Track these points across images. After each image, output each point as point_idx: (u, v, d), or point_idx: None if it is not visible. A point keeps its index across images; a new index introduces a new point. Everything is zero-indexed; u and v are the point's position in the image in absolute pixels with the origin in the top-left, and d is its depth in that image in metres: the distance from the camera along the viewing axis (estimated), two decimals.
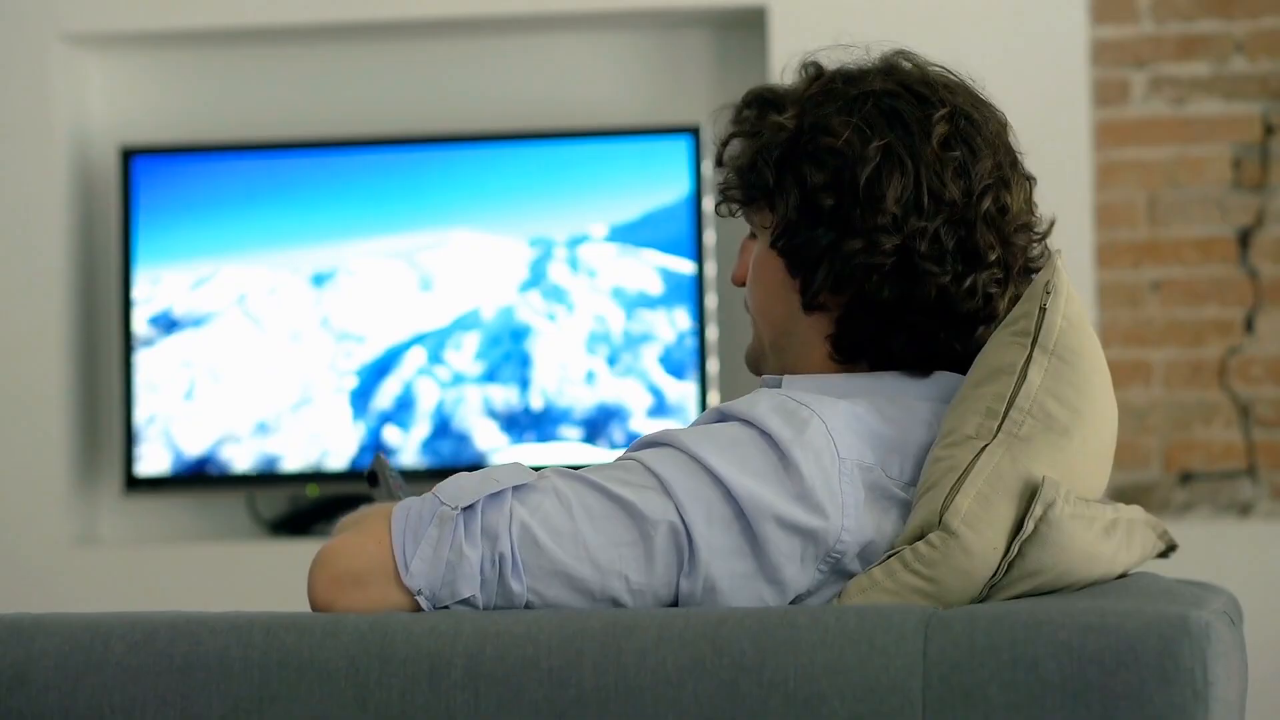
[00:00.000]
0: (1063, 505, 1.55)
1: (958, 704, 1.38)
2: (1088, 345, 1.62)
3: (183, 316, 4.10)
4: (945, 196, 1.66)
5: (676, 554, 1.56)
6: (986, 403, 1.60)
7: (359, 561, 1.56)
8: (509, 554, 1.55)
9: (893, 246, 1.65)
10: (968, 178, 1.67)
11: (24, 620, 1.52)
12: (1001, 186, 1.68)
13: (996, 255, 1.67)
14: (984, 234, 1.67)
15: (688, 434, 1.59)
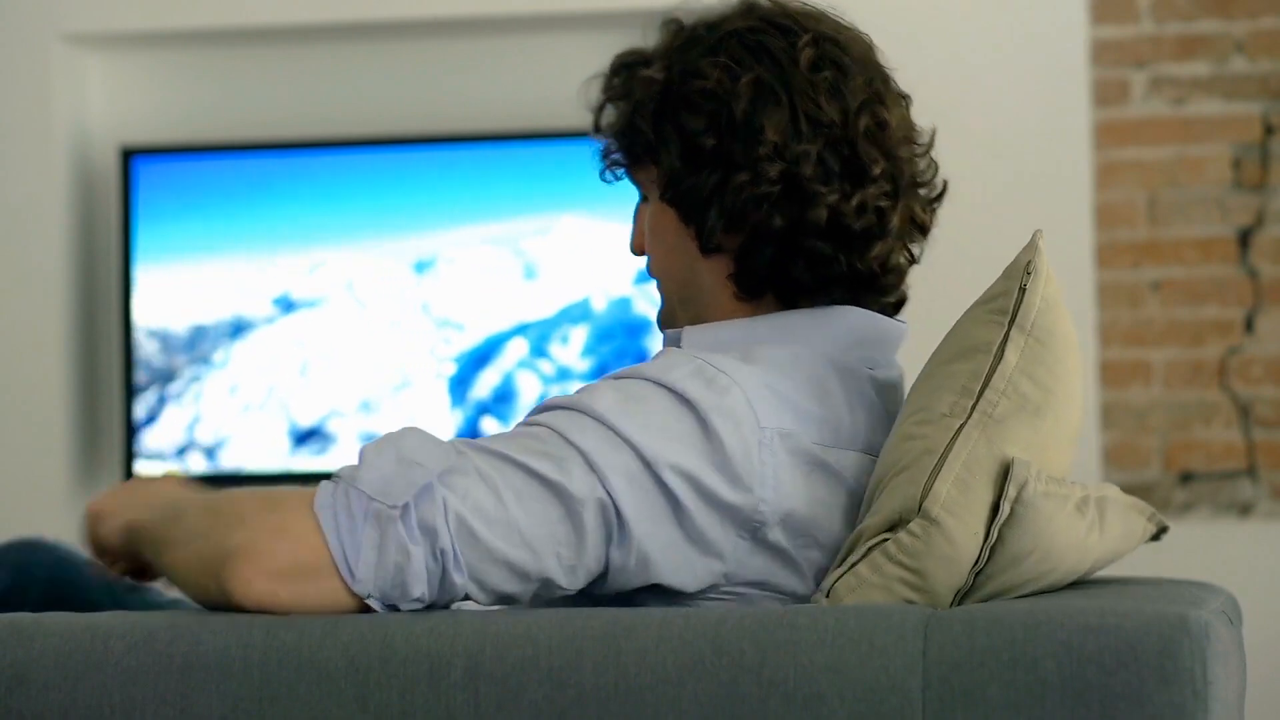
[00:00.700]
0: (1035, 484, 1.55)
1: (957, 704, 1.38)
2: (1062, 326, 1.62)
3: (300, 299, 4.10)
4: (822, 118, 1.68)
5: (605, 529, 1.56)
6: (962, 380, 1.59)
7: (299, 554, 1.51)
8: (449, 549, 1.52)
9: (778, 173, 1.66)
10: (842, 97, 1.69)
11: (24, 620, 1.52)
12: (877, 102, 1.70)
13: (881, 169, 1.70)
14: (867, 150, 1.69)
15: (603, 400, 1.58)
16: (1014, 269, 1.63)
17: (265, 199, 4.07)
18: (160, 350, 4.14)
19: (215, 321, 4.12)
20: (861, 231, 1.69)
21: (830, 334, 1.69)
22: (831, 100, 1.69)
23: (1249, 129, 4.01)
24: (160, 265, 4.10)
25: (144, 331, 4.11)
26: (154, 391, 4.12)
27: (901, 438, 1.60)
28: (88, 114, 4.22)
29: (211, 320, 4.12)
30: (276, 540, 1.51)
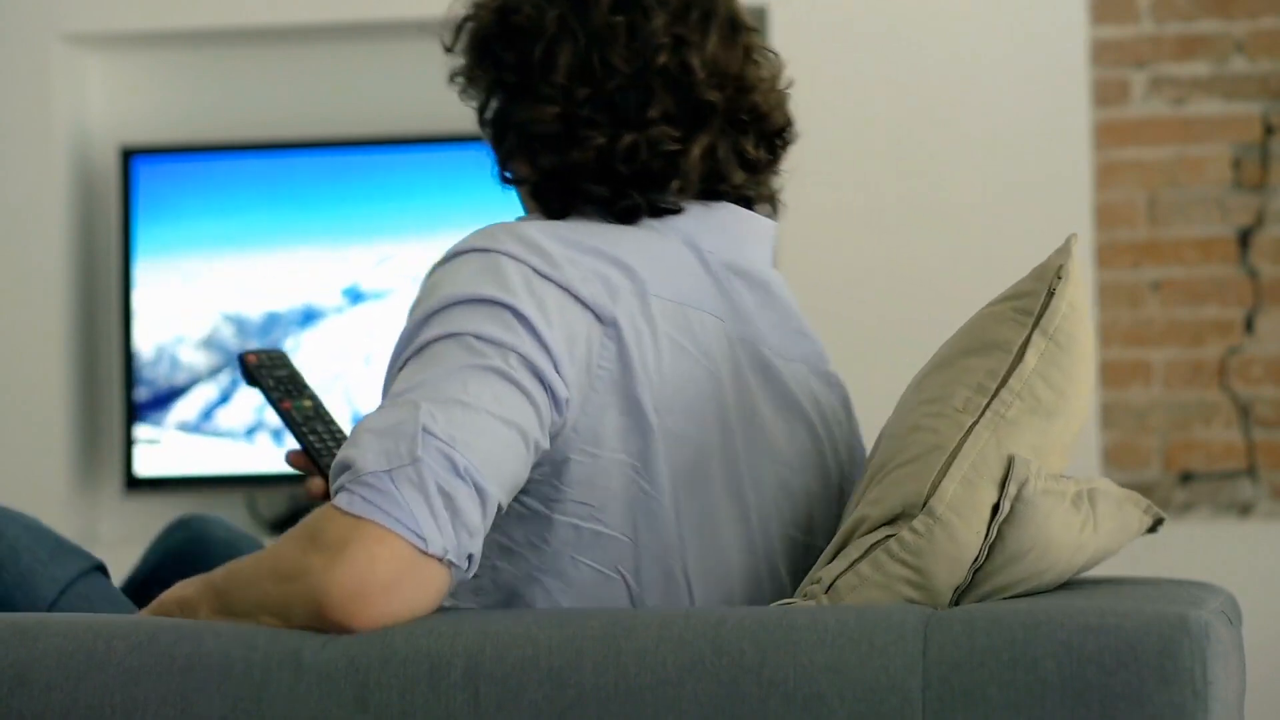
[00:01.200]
0: (1035, 482, 1.55)
1: (957, 704, 1.38)
2: (1084, 333, 1.62)
3: (368, 290, 4.09)
4: (612, 60, 1.72)
5: (541, 384, 1.61)
6: (978, 377, 1.59)
7: (379, 563, 1.49)
8: (465, 462, 1.53)
9: (553, 115, 1.72)
10: (638, 39, 1.73)
11: (26, 620, 1.52)
12: (680, 45, 1.73)
13: (663, 111, 1.72)
14: (661, 94, 1.72)
15: (497, 287, 1.63)
16: (1045, 270, 1.63)
17: (265, 199, 4.07)
18: (236, 334, 4.14)
19: (287, 309, 4.11)
20: (643, 172, 1.72)
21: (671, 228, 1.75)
22: (627, 42, 1.73)
23: (1249, 129, 4.01)
24: (160, 265, 4.10)
25: (222, 315, 4.11)
26: (228, 373, 4.11)
27: (910, 427, 1.60)
28: (88, 114, 4.22)
29: (284, 308, 4.11)
30: (344, 564, 1.49)
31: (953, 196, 3.98)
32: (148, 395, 4.12)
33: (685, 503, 1.68)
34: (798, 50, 4.03)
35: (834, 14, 4.01)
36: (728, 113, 1.75)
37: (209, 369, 4.13)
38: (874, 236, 3.98)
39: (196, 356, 4.14)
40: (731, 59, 1.76)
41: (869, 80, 4.00)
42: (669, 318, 1.69)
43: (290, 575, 1.51)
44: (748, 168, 1.77)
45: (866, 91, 4.00)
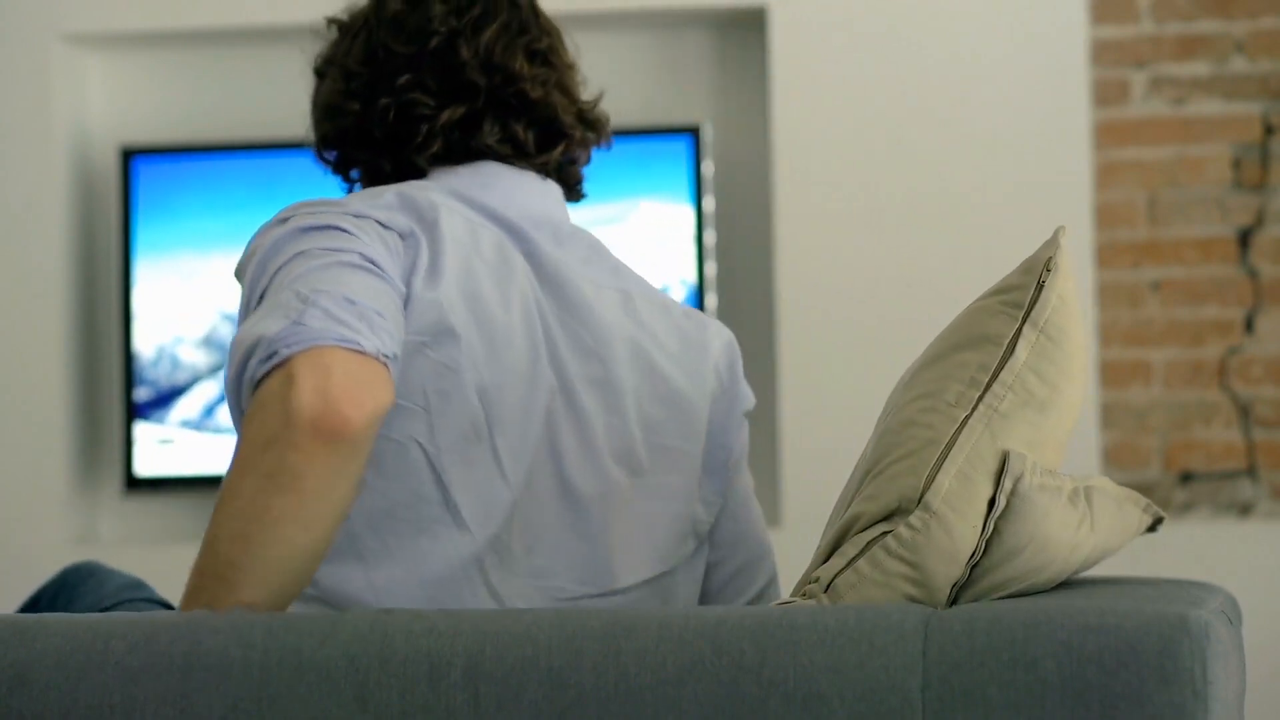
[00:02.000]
0: (1030, 477, 1.55)
1: (957, 704, 1.38)
2: (1075, 326, 1.63)
3: None
4: (394, 46, 1.99)
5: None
6: (970, 371, 1.60)
7: (331, 377, 1.61)
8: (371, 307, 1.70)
9: (337, 91, 2.00)
10: (418, 27, 1.99)
11: (25, 620, 1.52)
12: (454, 34, 1.99)
13: (422, 83, 1.97)
14: (428, 72, 1.98)
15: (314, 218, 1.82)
16: (1034, 263, 1.64)
17: (265, 199, 4.07)
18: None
19: None
20: (388, 136, 1.98)
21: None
22: (408, 30, 1.99)
23: (1249, 129, 4.01)
24: (160, 264, 4.10)
25: (221, 314, 4.11)
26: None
27: (904, 422, 1.60)
28: (88, 114, 4.22)
29: None
30: (309, 383, 1.60)
31: (953, 197, 3.98)
32: (148, 395, 4.12)
33: (478, 372, 1.82)
34: (798, 50, 4.05)
35: (834, 14, 4.01)
36: (493, 95, 1.98)
37: (209, 368, 4.13)
38: (874, 236, 3.98)
39: (196, 356, 4.14)
40: (506, 53, 1.99)
41: (869, 80, 4.00)
42: (457, 226, 1.87)
43: (265, 442, 1.59)
44: (515, 146, 1.98)
45: (866, 91, 4.00)
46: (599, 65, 4.21)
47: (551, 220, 1.96)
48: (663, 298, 1.99)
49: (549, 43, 2.04)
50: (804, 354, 3.98)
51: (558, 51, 2.05)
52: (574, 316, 1.90)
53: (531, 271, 1.90)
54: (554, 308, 1.90)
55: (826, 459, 3.03)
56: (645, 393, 1.91)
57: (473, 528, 1.80)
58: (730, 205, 4.14)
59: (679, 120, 4.09)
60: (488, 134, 1.97)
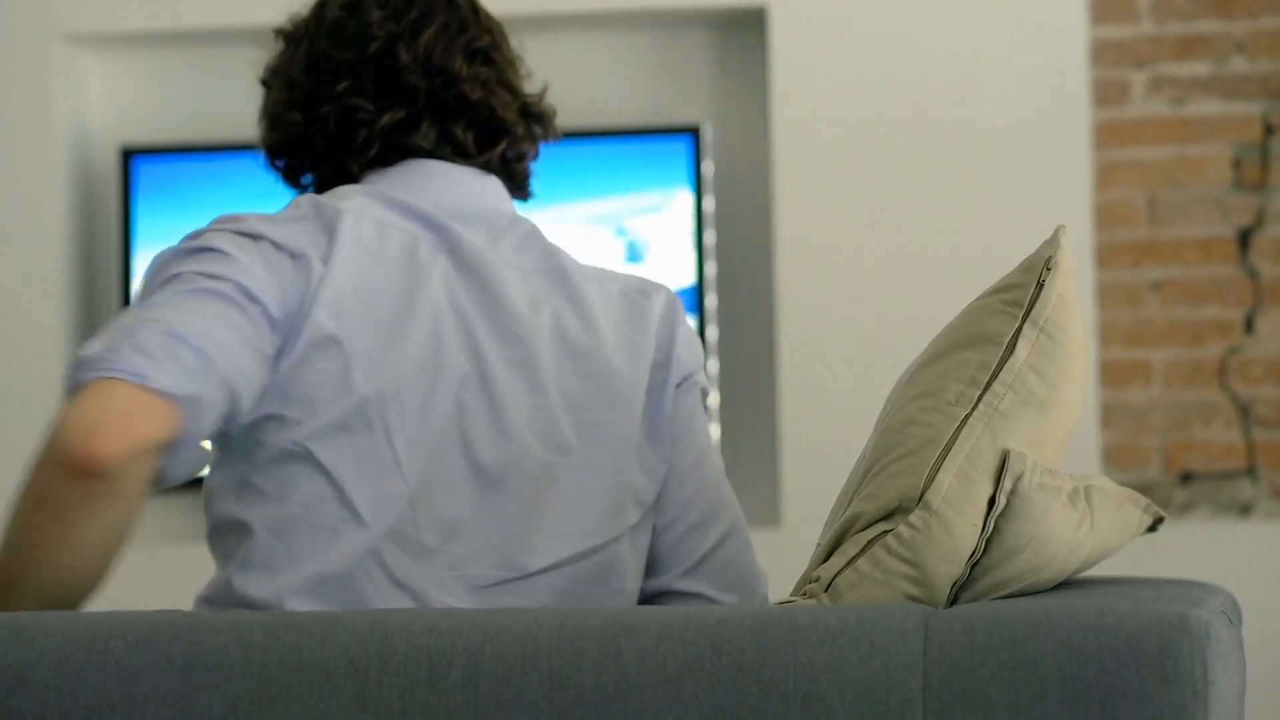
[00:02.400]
0: (1030, 476, 1.55)
1: (958, 704, 1.38)
2: (1075, 325, 1.63)
3: None
4: (333, 52, 2.01)
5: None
6: (970, 370, 1.60)
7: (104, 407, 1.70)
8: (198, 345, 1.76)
9: (281, 100, 2.04)
10: (357, 32, 2.02)
11: (24, 620, 1.52)
12: (392, 38, 2.01)
13: (361, 89, 1.99)
14: (367, 77, 2.00)
15: (203, 241, 1.90)
16: (1033, 262, 1.64)
17: (265, 198, 4.07)
18: None
19: None
20: (329, 143, 2.01)
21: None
22: (347, 35, 2.02)
23: (1249, 129, 4.01)
24: None
25: None
26: None
27: (904, 421, 1.60)
28: (88, 114, 4.22)
29: None
30: (83, 408, 1.70)
31: (953, 197, 3.98)
32: None
33: (369, 371, 1.85)
34: (798, 50, 4.05)
35: (834, 14, 4.01)
36: (433, 97, 2.00)
37: None
38: (874, 236, 3.98)
39: None
40: (445, 54, 2.01)
41: (869, 80, 4.00)
42: (363, 230, 1.90)
43: (37, 468, 1.73)
44: (455, 147, 2.00)
45: (866, 91, 4.00)
46: (599, 65, 4.22)
47: (487, 213, 1.99)
48: (601, 272, 2.01)
49: (489, 40, 2.07)
50: (804, 354, 3.98)
51: (500, 48, 2.08)
52: (496, 303, 1.91)
53: (452, 265, 1.92)
54: (476, 297, 1.91)
55: (826, 459, 3.03)
56: (570, 370, 1.92)
57: (369, 521, 1.83)
58: (730, 205, 4.14)
59: (679, 120, 4.09)
60: (424, 135, 2.00)
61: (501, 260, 1.94)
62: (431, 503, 1.85)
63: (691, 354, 2.00)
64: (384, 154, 2.00)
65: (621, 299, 1.99)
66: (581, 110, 4.16)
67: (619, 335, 1.96)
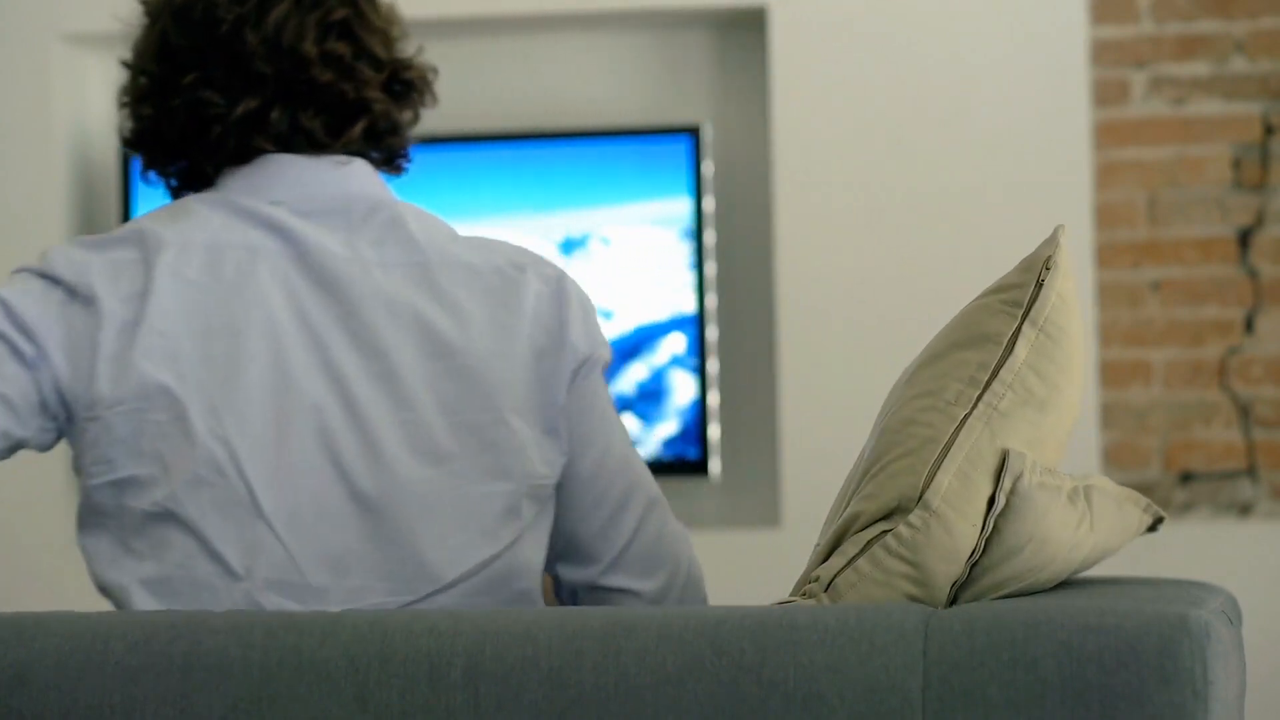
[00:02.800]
0: (1030, 476, 1.55)
1: (958, 704, 1.38)
2: (1074, 325, 1.63)
3: None
4: (179, 40, 1.92)
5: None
6: (969, 370, 1.60)
7: None
8: None
9: (134, 90, 1.96)
10: (203, 17, 1.91)
11: (24, 620, 1.52)
12: (239, 21, 1.91)
13: (209, 79, 1.90)
14: (215, 65, 1.91)
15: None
16: (1033, 262, 1.64)
17: None
18: None
19: None
20: (180, 138, 1.92)
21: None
22: (194, 20, 1.92)
23: (1249, 129, 4.01)
24: None
25: None
26: None
27: (904, 421, 1.60)
28: (88, 114, 4.22)
29: None
30: None
31: (953, 196, 3.98)
32: None
33: (212, 417, 1.80)
34: (798, 50, 4.05)
35: (834, 14, 4.01)
36: (281, 83, 1.90)
37: None
38: (874, 236, 3.98)
39: None
40: (295, 34, 1.91)
41: (869, 80, 4.00)
42: (187, 263, 1.85)
43: None
44: (307, 136, 1.91)
45: (866, 91, 4.00)
46: (599, 65, 4.22)
47: (343, 204, 1.90)
48: (475, 246, 1.92)
49: (348, 12, 1.94)
50: (804, 354, 3.98)
51: (364, 16, 1.95)
52: (351, 314, 1.85)
53: (301, 277, 1.85)
54: (329, 309, 1.85)
55: (826, 459, 3.03)
56: (441, 372, 1.85)
57: (242, 574, 1.79)
58: (730, 205, 4.14)
59: (679, 120, 4.09)
60: (276, 125, 1.91)
61: (357, 261, 1.87)
62: (314, 541, 1.80)
63: (587, 336, 1.92)
64: (239, 150, 1.91)
65: (496, 275, 1.90)
66: (581, 110, 4.16)
67: (492, 321, 1.87)
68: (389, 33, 1.96)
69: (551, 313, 1.90)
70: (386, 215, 1.90)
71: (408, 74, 1.96)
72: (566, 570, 1.99)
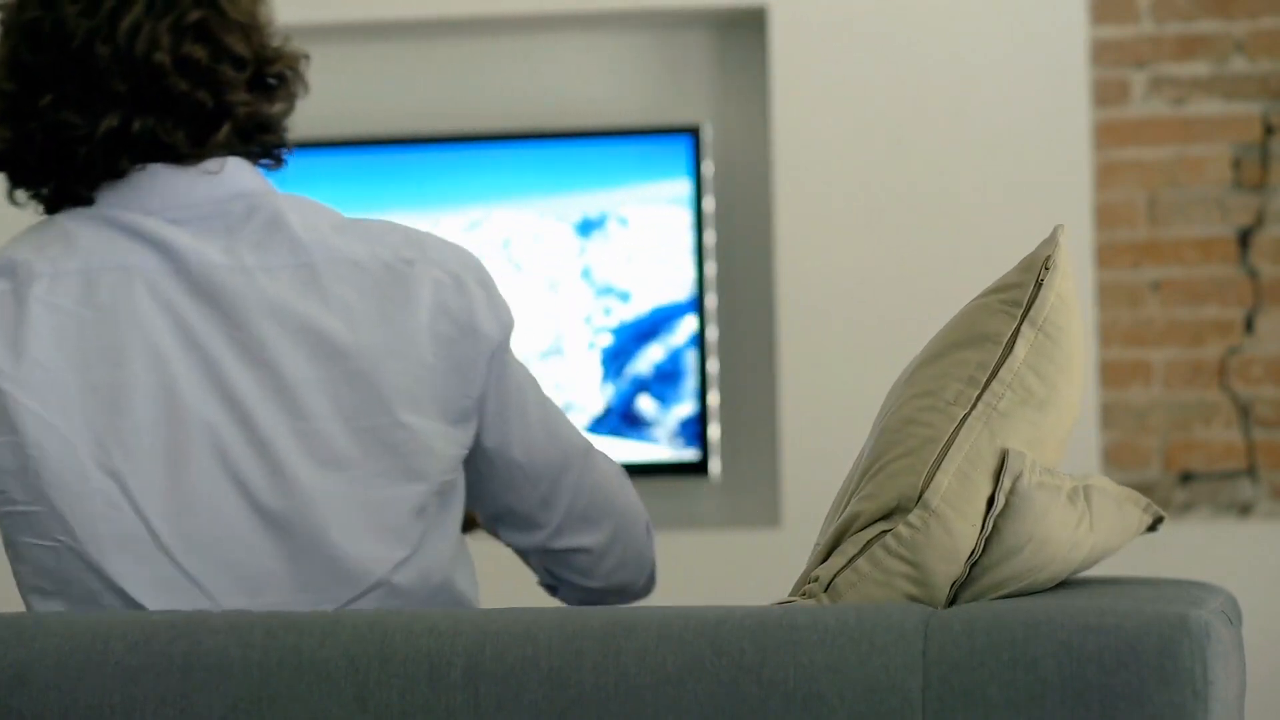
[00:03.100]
0: (1029, 476, 1.55)
1: (958, 704, 1.38)
2: (1074, 324, 1.62)
3: None
4: (29, 57, 1.83)
5: None
6: (969, 370, 1.60)
7: None
8: None
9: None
10: (55, 32, 1.82)
11: (24, 620, 1.52)
12: (90, 35, 1.82)
13: (64, 99, 1.83)
14: (71, 82, 1.82)
15: None
16: (1032, 261, 1.63)
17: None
18: None
19: None
20: (43, 161, 1.87)
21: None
22: (44, 36, 1.83)
23: (1249, 129, 4.01)
24: None
25: None
26: None
27: (903, 420, 1.60)
28: None
29: None
30: None
31: (953, 197, 3.98)
32: None
33: (98, 448, 1.76)
34: (798, 50, 4.05)
35: (834, 14, 4.01)
36: (138, 97, 1.82)
37: None
38: (874, 236, 3.98)
39: None
40: (148, 43, 1.82)
41: (869, 80, 4.00)
42: (61, 292, 1.80)
43: None
44: (169, 149, 1.84)
45: (866, 91, 4.00)
46: (599, 65, 4.22)
47: (220, 207, 1.85)
48: (356, 254, 1.85)
49: (203, 12, 1.84)
50: (804, 354, 3.98)
51: (222, 14, 1.85)
52: (238, 327, 1.80)
53: (186, 293, 1.81)
54: (216, 324, 1.80)
55: (826, 459, 3.03)
56: (336, 377, 1.80)
57: (149, 607, 1.76)
58: (730, 205, 4.14)
59: (679, 120, 4.09)
60: (138, 138, 1.83)
61: (240, 269, 1.82)
62: (221, 565, 1.77)
63: (496, 319, 1.87)
64: (110, 167, 1.84)
65: (384, 270, 1.83)
66: (581, 110, 4.16)
67: (383, 318, 1.82)
68: (251, 26, 1.88)
69: (456, 302, 1.85)
70: (266, 214, 1.85)
71: (274, 68, 1.88)
72: (511, 535, 2.00)
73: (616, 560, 2.03)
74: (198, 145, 1.84)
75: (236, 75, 1.85)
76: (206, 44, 1.84)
